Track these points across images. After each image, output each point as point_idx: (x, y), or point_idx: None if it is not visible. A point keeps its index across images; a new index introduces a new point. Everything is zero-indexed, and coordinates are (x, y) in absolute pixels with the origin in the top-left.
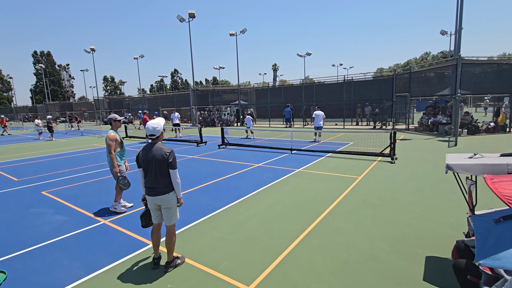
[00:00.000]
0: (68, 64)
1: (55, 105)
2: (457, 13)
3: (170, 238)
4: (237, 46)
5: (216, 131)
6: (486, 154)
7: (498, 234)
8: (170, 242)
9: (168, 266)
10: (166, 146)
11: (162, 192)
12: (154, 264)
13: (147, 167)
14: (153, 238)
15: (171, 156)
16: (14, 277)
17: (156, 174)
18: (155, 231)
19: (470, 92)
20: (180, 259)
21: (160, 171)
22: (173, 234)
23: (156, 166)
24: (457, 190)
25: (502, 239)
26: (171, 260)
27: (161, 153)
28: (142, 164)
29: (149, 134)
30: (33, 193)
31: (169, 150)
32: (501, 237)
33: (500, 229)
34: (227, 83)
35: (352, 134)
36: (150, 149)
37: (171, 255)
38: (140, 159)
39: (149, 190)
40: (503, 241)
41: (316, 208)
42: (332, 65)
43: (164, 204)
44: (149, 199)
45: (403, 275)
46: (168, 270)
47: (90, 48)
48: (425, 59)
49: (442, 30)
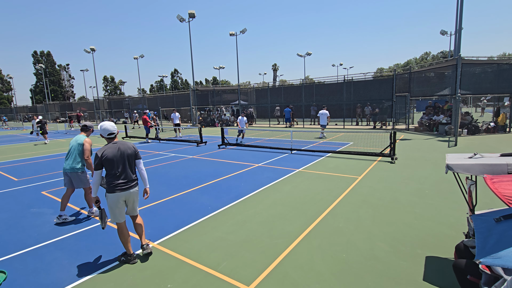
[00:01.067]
0: (68, 64)
1: (55, 105)
2: (457, 13)
3: (142, 224)
4: (237, 46)
5: (216, 131)
6: (486, 154)
7: (499, 233)
8: (142, 227)
9: (147, 247)
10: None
11: (134, 185)
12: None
13: (118, 164)
14: (124, 236)
15: (136, 148)
16: (14, 277)
17: (127, 168)
18: (124, 228)
19: (470, 92)
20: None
21: (130, 164)
22: (141, 219)
23: (128, 160)
24: (457, 190)
25: (503, 238)
26: (146, 242)
27: (129, 146)
28: (110, 162)
29: (109, 133)
30: (33, 193)
31: (132, 143)
32: (502, 236)
33: (501, 228)
34: (227, 83)
35: (352, 134)
36: (116, 147)
37: (144, 237)
38: (108, 158)
39: (122, 185)
40: (504, 240)
41: (316, 208)
42: (332, 65)
43: (134, 196)
44: (120, 195)
45: (403, 275)
46: (147, 250)
47: (90, 48)
48: (425, 59)
49: (442, 30)
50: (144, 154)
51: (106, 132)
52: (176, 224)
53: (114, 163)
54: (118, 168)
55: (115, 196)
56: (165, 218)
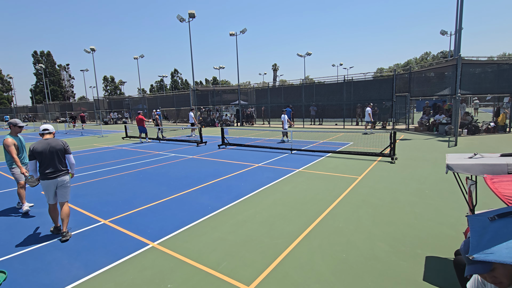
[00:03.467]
0: (68, 64)
1: (55, 105)
2: (457, 13)
3: (67, 213)
4: (237, 46)
5: (216, 131)
6: (486, 154)
7: (494, 231)
8: (67, 215)
9: (66, 234)
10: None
11: (63, 174)
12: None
13: (47, 157)
14: (53, 214)
15: (67, 144)
16: (14, 277)
17: (57, 160)
18: (53, 209)
19: (470, 92)
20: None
21: (60, 157)
22: (68, 209)
23: (57, 154)
24: (457, 190)
25: (497, 236)
26: (66, 230)
27: (59, 143)
28: (40, 155)
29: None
30: (33, 193)
31: (64, 141)
32: (496, 234)
33: (496, 226)
34: (227, 83)
35: (352, 134)
36: (47, 143)
37: (66, 226)
38: (37, 151)
39: (50, 174)
40: (498, 237)
41: (316, 208)
42: (332, 65)
43: (63, 183)
44: (49, 183)
45: (403, 275)
46: (66, 237)
47: (90, 48)
48: (425, 59)
49: (442, 30)
50: (144, 154)
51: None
52: (176, 224)
53: (43, 156)
54: (46, 160)
55: (45, 183)
56: (165, 218)
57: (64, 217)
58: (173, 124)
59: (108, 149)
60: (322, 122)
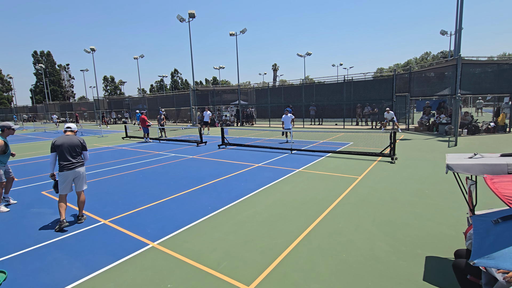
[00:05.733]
0: (68, 64)
1: (55, 105)
2: (457, 13)
3: (83, 200)
4: (237, 46)
5: (216, 131)
6: (486, 154)
7: (496, 234)
8: (83, 202)
9: (81, 218)
10: (79, 136)
11: (79, 165)
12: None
13: (65, 149)
14: (62, 205)
15: (84, 142)
16: (14, 277)
17: (74, 153)
18: (63, 200)
19: (470, 92)
20: (85, 215)
21: (77, 152)
22: (84, 197)
23: (74, 149)
24: (457, 190)
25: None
26: (82, 214)
27: (77, 139)
28: (59, 148)
29: (67, 127)
30: (33, 193)
31: (82, 138)
32: (498, 238)
33: (499, 229)
34: (227, 83)
35: (352, 134)
36: (67, 138)
37: (82, 211)
38: (57, 144)
39: (67, 165)
40: (500, 242)
41: (316, 208)
42: (332, 65)
43: (79, 174)
44: (67, 174)
45: (403, 275)
46: (81, 220)
47: (90, 48)
48: (425, 59)
49: (442, 30)
50: (144, 154)
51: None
52: (176, 224)
53: (62, 149)
54: (65, 153)
55: (63, 174)
56: (165, 218)
57: (80, 204)
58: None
59: (108, 149)
60: (322, 122)
